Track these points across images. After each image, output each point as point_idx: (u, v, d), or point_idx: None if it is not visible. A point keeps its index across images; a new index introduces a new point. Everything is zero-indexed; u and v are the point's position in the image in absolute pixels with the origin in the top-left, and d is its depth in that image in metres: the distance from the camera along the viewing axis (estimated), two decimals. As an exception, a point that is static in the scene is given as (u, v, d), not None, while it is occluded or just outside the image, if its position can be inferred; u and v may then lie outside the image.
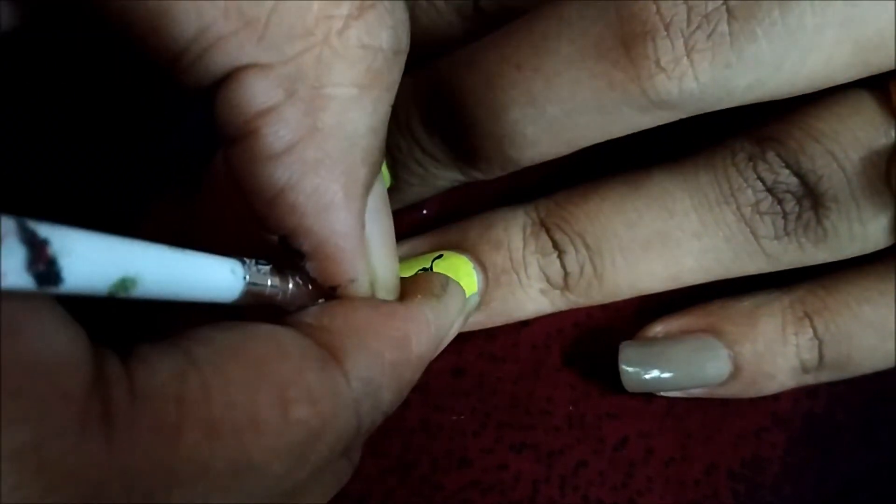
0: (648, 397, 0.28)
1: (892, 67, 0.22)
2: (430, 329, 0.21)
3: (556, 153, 0.24)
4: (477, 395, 0.28)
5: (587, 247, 0.26)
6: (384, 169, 0.26)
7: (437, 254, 0.27)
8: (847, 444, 0.29)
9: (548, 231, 0.27)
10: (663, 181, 0.26)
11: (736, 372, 0.27)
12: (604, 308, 0.29)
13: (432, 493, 0.28)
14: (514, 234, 0.27)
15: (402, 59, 0.20)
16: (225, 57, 0.18)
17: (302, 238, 0.20)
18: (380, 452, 0.28)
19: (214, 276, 0.19)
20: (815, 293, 0.26)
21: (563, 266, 0.26)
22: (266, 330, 0.19)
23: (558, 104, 0.23)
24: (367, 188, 0.20)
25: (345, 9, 0.19)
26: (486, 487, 0.28)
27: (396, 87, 0.20)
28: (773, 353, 0.26)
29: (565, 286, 0.27)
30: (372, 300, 0.21)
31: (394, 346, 0.20)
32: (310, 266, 0.20)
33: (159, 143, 0.29)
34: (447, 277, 0.23)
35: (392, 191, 0.27)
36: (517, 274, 0.27)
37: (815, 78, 0.22)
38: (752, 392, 0.27)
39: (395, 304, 0.22)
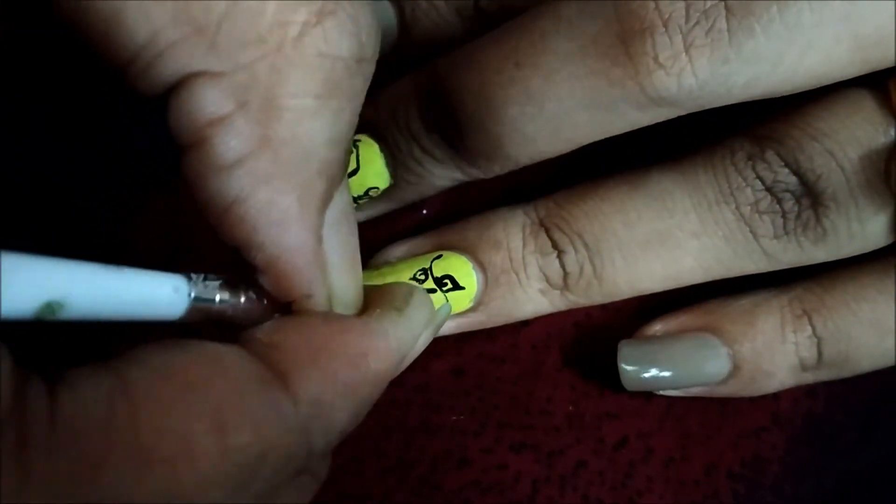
0: (648, 397, 0.28)
1: (892, 64, 0.22)
2: (390, 344, 0.20)
3: (555, 151, 0.24)
4: (477, 396, 0.28)
5: (586, 246, 0.26)
6: (384, 168, 0.26)
7: (436, 254, 0.27)
8: (847, 443, 0.29)
9: (547, 231, 0.27)
10: (662, 181, 0.26)
11: (735, 370, 0.27)
12: (604, 308, 0.29)
13: (432, 494, 0.28)
14: (513, 233, 0.27)
15: (368, 67, 0.20)
16: (175, 63, 0.18)
17: (254, 252, 0.19)
18: (380, 452, 0.28)
19: (154, 295, 0.18)
20: (813, 291, 0.26)
21: (563, 266, 0.26)
22: (207, 349, 0.18)
23: (557, 101, 0.23)
24: (325, 202, 0.20)
25: (302, 15, 0.18)
26: (485, 487, 0.28)
27: (362, 96, 0.20)
28: (771, 351, 0.27)
29: (565, 286, 0.27)
30: (327, 315, 0.21)
31: (348, 364, 0.19)
32: (263, 280, 0.20)
33: (146, 140, 0.28)
34: (414, 288, 0.23)
35: (392, 190, 0.27)
36: (516, 274, 0.27)
37: (813, 75, 0.22)
38: (752, 391, 0.27)
39: (352, 318, 0.21)
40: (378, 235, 0.29)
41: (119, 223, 0.28)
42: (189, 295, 0.19)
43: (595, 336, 0.29)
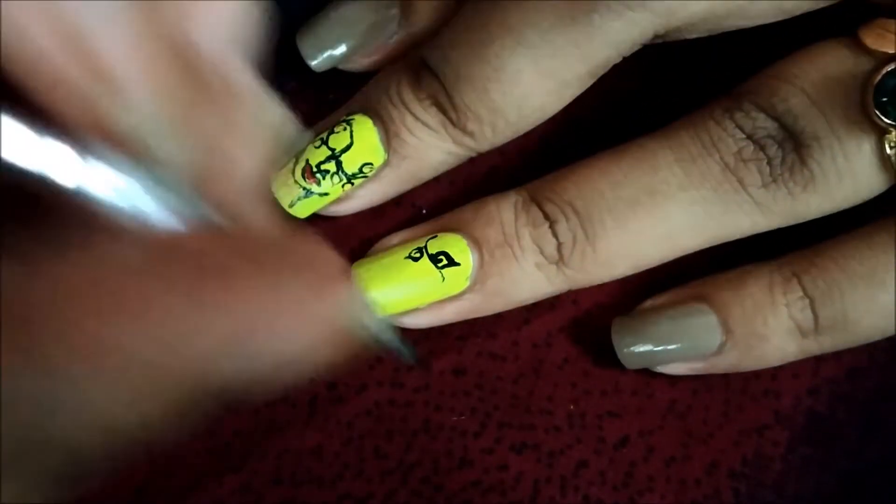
0: (650, 394, 0.28)
1: None
2: None
3: (543, 93, 0.25)
4: (477, 395, 0.28)
5: (577, 213, 0.26)
6: (378, 143, 0.26)
7: (430, 235, 0.27)
8: (849, 442, 0.28)
9: (538, 204, 0.27)
10: (646, 143, 0.26)
11: (728, 336, 0.27)
12: (604, 305, 0.29)
13: (433, 494, 0.28)
14: (505, 209, 0.27)
15: None
16: None
17: None
18: (381, 454, 0.28)
19: None
20: (802, 255, 0.26)
21: (556, 235, 0.26)
22: None
23: (534, 27, 0.24)
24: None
25: None
26: (486, 488, 0.28)
27: None
28: (763, 313, 0.26)
29: (560, 258, 0.26)
30: None
31: None
32: None
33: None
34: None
35: (387, 168, 0.27)
36: (511, 247, 0.27)
37: None
38: (753, 360, 0.27)
39: None
40: (377, 233, 0.29)
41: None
42: None
43: (596, 334, 0.29)
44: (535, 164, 0.29)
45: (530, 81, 0.24)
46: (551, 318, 0.29)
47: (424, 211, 0.29)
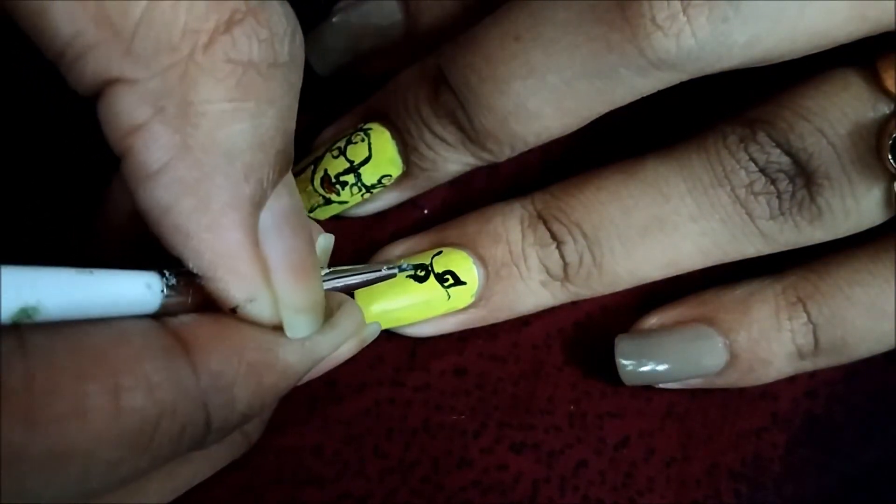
0: (649, 397, 0.28)
1: (891, 24, 0.23)
2: (304, 342, 0.21)
3: (561, 126, 0.25)
4: (478, 395, 0.28)
5: (585, 236, 0.26)
6: (396, 155, 0.26)
7: (436, 250, 0.27)
8: (847, 443, 0.29)
9: (545, 223, 0.27)
10: (657, 167, 0.26)
11: (732, 360, 0.27)
12: (604, 307, 0.29)
13: (433, 494, 0.28)
14: (512, 227, 0.27)
15: (285, 71, 0.19)
16: (95, 67, 0.18)
17: (192, 259, 0.19)
18: (381, 453, 0.28)
19: (127, 294, 0.18)
20: (807, 278, 0.27)
21: (563, 256, 0.27)
22: (111, 318, 0.18)
23: (558, 72, 0.23)
24: (257, 205, 0.19)
25: (211, 23, 0.18)
26: (486, 488, 0.28)
27: (286, 100, 0.19)
28: (768, 339, 0.27)
29: (565, 277, 0.27)
30: None
31: (256, 347, 0.20)
32: (206, 286, 0.20)
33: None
34: (346, 299, 0.23)
35: (405, 177, 0.27)
36: (517, 266, 0.27)
37: (814, 32, 0.22)
38: (750, 380, 0.27)
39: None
40: (379, 234, 0.29)
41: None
42: (162, 291, 0.19)
43: (596, 335, 0.29)
44: (536, 163, 0.29)
45: (550, 117, 0.24)
46: (551, 319, 0.29)
47: (426, 210, 0.29)
